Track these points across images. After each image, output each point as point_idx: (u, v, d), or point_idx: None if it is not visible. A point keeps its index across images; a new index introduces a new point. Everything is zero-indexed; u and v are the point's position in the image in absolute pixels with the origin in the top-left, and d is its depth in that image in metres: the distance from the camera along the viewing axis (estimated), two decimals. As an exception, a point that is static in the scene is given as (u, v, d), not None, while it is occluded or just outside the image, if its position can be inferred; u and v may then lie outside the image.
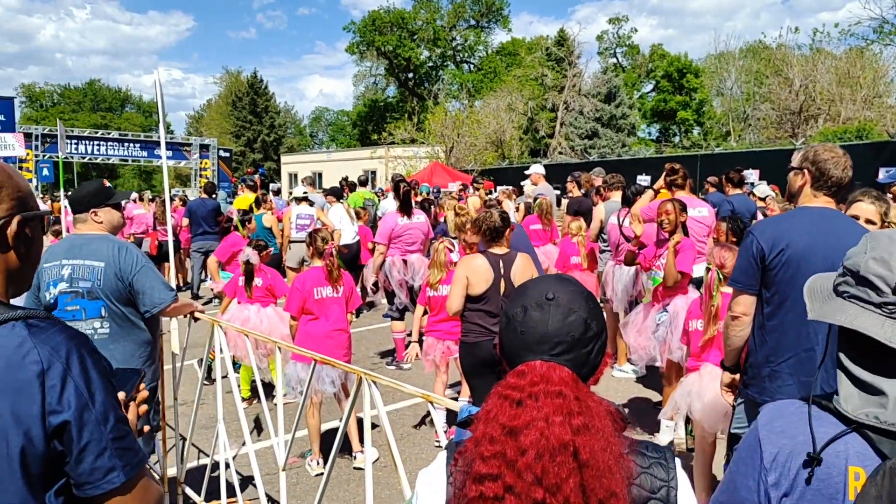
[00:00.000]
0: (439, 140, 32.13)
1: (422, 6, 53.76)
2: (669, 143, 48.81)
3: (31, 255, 1.44)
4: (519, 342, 1.36)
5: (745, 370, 3.25)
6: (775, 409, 1.50)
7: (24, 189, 1.40)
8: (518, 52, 52.53)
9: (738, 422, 3.33)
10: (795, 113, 33.90)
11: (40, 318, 1.31)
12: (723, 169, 9.53)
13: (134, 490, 1.33)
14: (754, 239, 3.10)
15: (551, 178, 16.61)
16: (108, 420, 1.30)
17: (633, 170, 18.36)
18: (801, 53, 36.89)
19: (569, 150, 39.50)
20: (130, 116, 69.01)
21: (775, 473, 1.40)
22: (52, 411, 1.23)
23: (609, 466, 1.22)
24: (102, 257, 3.56)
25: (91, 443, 1.27)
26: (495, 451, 1.25)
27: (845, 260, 1.43)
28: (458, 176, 21.48)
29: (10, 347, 1.24)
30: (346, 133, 68.34)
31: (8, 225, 1.35)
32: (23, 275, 1.44)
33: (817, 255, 2.90)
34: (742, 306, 3.16)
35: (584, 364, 1.34)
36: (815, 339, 2.97)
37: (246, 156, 54.36)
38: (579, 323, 1.34)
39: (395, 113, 54.39)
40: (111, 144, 31.92)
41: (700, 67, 49.05)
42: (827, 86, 32.93)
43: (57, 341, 1.28)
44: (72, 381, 1.25)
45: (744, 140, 41.83)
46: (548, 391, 1.27)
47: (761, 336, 3.13)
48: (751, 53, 45.19)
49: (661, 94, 49.52)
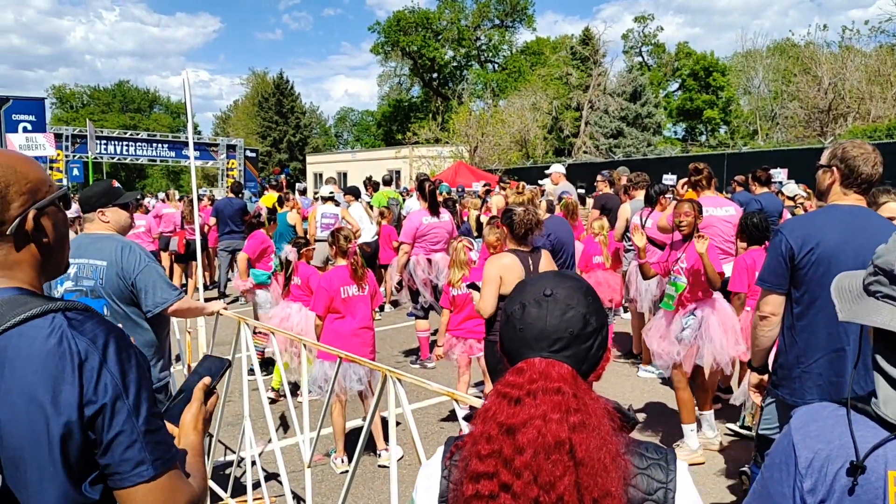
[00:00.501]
0: (463, 140, 32.13)
1: (446, 6, 53.78)
2: (696, 142, 48.36)
3: (55, 239, 1.44)
4: (518, 339, 1.35)
5: (775, 370, 3.21)
6: (809, 412, 1.45)
7: (34, 177, 1.38)
8: (543, 52, 52.35)
9: (767, 423, 3.29)
10: (824, 111, 33.37)
11: (79, 311, 1.34)
12: (750, 168, 9.40)
13: (163, 486, 1.32)
14: (783, 238, 3.06)
15: (576, 177, 16.56)
16: (141, 412, 1.30)
17: (658, 169, 18.22)
18: (829, 51, 36.35)
19: (593, 149, 39.29)
20: (158, 117, 69.79)
21: (811, 479, 1.35)
22: (88, 401, 1.25)
23: (605, 465, 1.20)
24: (105, 256, 3.55)
25: (122, 433, 1.28)
26: (492, 449, 1.24)
27: (875, 258, 1.38)
28: (482, 175, 21.46)
29: (51, 338, 1.26)
30: (370, 133, 68.59)
31: (25, 221, 1.35)
32: (53, 261, 1.46)
33: (848, 254, 2.86)
34: (771, 306, 3.12)
35: (583, 360, 1.32)
36: (845, 340, 2.93)
37: (272, 156, 54.80)
38: (578, 318, 1.32)
39: (419, 113, 54.50)
40: (140, 145, 32.43)
41: (727, 66, 48.53)
42: (856, 84, 32.39)
43: (94, 333, 1.30)
44: (107, 372, 1.28)
45: (771, 139, 41.31)
46: (546, 388, 1.26)
47: (791, 336, 3.09)
48: (778, 51, 44.64)
49: (687, 92, 49.06)
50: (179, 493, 1.34)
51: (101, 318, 1.36)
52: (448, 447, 1.38)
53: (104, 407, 1.27)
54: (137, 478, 1.28)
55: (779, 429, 3.18)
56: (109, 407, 1.27)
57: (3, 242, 1.34)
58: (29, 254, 1.38)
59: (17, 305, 1.30)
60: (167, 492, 1.32)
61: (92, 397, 1.26)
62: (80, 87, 72.29)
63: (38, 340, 1.27)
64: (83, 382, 1.25)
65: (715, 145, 44.41)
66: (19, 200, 1.34)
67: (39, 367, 1.25)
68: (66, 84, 72.30)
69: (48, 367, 1.25)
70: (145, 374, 1.36)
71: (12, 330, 1.27)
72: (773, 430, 3.24)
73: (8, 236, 1.33)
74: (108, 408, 1.27)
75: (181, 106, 72.08)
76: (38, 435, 1.24)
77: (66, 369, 1.25)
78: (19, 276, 1.37)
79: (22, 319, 1.27)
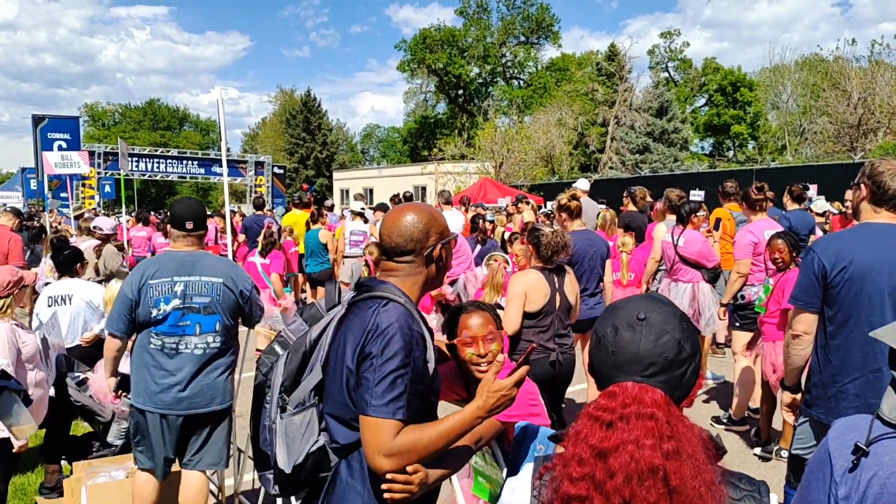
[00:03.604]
0: (489, 156, 32.19)
1: (472, 24, 54.10)
2: (723, 157, 47.98)
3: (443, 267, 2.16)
4: (610, 362, 1.34)
5: (808, 389, 3.18)
6: (848, 423, 1.48)
7: (444, 224, 2.12)
8: (568, 68, 52.41)
9: (800, 442, 3.26)
10: (854, 126, 32.97)
11: (396, 302, 1.96)
12: (779, 183, 9.30)
13: (370, 426, 1.82)
14: (815, 256, 3.04)
15: (602, 193, 16.52)
16: (384, 371, 1.83)
17: (685, 185, 18.05)
18: (859, 66, 35.93)
19: (619, 164, 39.16)
20: (188, 135, 70.83)
21: (846, 487, 1.38)
22: (362, 349, 1.89)
23: (700, 494, 1.20)
24: (219, 273, 3.71)
25: (365, 379, 1.87)
26: (584, 472, 1.25)
27: None
28: (507, 191, 21.46)
29: (371, 312, 1.93)
30: (396, 149, 69.00)
31: (434, 249, 2.07)
32: (436, 280, 2.18)
33: (882, 273, 2.83)
34: (803, 324, 3.10)
35: (677, 387, 1.32)
36: (882, 360, 2.89)
37: (299, 172, 55.34)
38: (672, 344, 1.32)
39: (444, 129, 54.73)
40: (170, 162, 32.94)
41: (754, 81, 48.18)
42: (887, 98, 31.97)
43: (388, 317, 1.90)
44: (380, 340, 1.86)
45: (800, 154, 40.85)
46: (639, 413, 1.26)
47: (825, 355, 3.07)
48: (807, 66, 44.23)
49: (714, 108, 48.75)
50: (386, 436, 1.80)
51: (402, 311, 1.93)
52: (538, 467, 1.39)
53: (367, 358, 1.87)
54: (360, 410, 1.86)
55: (813, 447, 3.15)
56: (370, 360, 1.86)
57: (418, 259, 2.05)
58: (426, 270, 2.08)
59: (381, 291, 2.00)
60: (374, 430, 1.82)
61: (364, 348, 1.89)
62: (111, 105, 73.69)
63: (364, 310, 1.96)
64: (366, 340, 1.89)
65: (743, 161, 44.02)
66: (435, 237, 2.06)
67: (357, 324, 1.96)
68: (98, 102, 73.67)
69: (357, 328, 1.95)
70: (409, 352, 1.87)
71: (364, 301, 2.00)
72: (806, 450, 3.21)
73: (422, 257, 2.05)
74: (369, 360, 1.87)
75: (210, 123, 73.19)
76: (342, 358, 1.97)
77: (363, 330, 1.92)
78: (407, 282, 2.05)
79: (370, 297, 2.00)
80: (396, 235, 2.03)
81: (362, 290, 2.04)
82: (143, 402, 3.65)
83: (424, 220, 2.06)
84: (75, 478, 4.24)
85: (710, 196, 14.90)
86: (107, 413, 4.85)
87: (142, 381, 3.66)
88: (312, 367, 2.06)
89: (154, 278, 3.62)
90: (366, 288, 2.04)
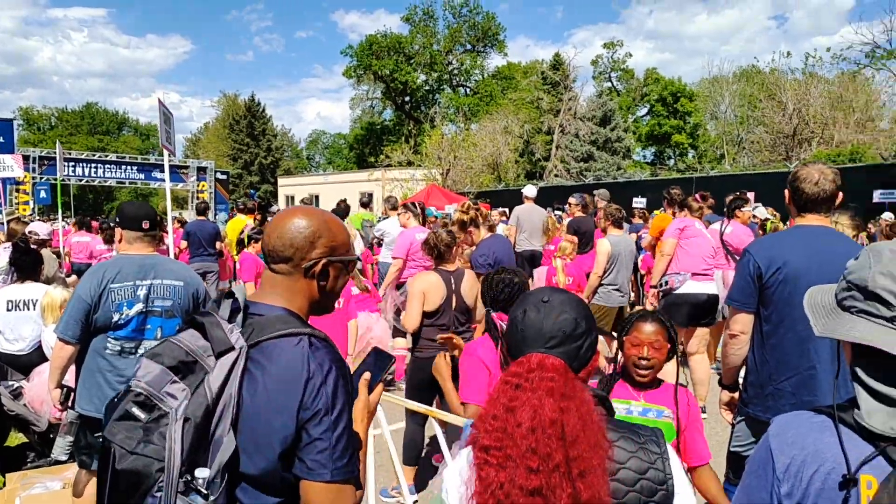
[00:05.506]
0: (436, 163, 32.26)
1: (418, 31, 54.25)
2: (664, 166, 49.09)
3: (332, 289, 1.86)
4: (520, 339, 1.60)
5: (746, 388, 3.26)
6: (787, 419, 1.50)
7: (339, 239, 1.82)
8: (514, 76, 52.98)
9: (738, 440, 3.34)
10: (789, 136, 34.17)
11: (318, 338, 1.69)
12: (718, 191, 9.57)
13: (334, 491, 1.61)
14: (751, 258, 3.13)
15: (549, 199, 16.72)
16: (337, 429, 1.62)
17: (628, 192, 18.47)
18: (794, 78, 37.27)
19: (564, 172, 39.69)
20: (128, 139, 69.13)
21: (788, 484, 1.40)
22: (305, 408, 1.60)
23: (591, 443, 1.43)
24: (180, 276, 3.67)
25: (319, 440, 1.60)
26: (496, 425, 1.48)
27: (848, 274, 1.42)
28: (454, 198, 21.53)
29: (297, 355, 1.63)
30: (342, 156, 68.61)
31: (316, 264, 1.77)
32: (322, 304, 1.87)
33: (813, 273, 2.92)
34: (740, 324, 3.18)
35: (574, 358, 1.56)
36: (815, 358, 2.99)
37: (243, 178, 54.49)
38: (570, 321, 1.57)
39: (391, 136, 54.70)
40: (108, 167, 31.97)
41: (694, 91, 49.46)
42: (820, 109, 33.24)
43: (324, 359, 1.64)
44: (324, 392, 1.61)
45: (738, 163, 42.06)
46: (542, 377, 1.49)
47: (762, 355, 3.15)
48: (745, 77, 45.63)
49: (655, 117, 49.87)
50: (350, 499, 1.64)
51: (332, 349, 1.70)
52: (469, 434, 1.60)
53: (313, 416, 1.60)
54: (316, 477, 1.60)
55: (751, 445, 3.23)
56: (317, 418, 1.60)
57: (297, 272, 1.77)
58: (309, 288, 1.79)
59: (282, 322, 1.68)
60: (335, 496, 1.61)
61: (308, 405, 1.60)
62: (47, 108, 71.42)
63: (286, 352, 1.64)
64: (305, 393, 1.61)
65: (683, 169, 45.11)
66: (321, 249, 1.77)
67: (283, 371, 1.62)
68: (34, 105, 71.45)
69: (288, 376, 1.62)
70: (351, 398, 1.69)
71: (276, 339, 1.65)
72: (744, 447, 3.29)
73: (300, 269, 1.77)
74: (316, 418, 1.60)
75: (151, 128, 71.53)
76: (267, 418, 1.60)
77: (297, 380, 1.61)
78: (296, 301, 1.78)
79: (283, 334, 1.65)
80: (276, 237, 1.78)
81: (266, 326, 1.67)
82: (97, 410, 3.48)
83: (313, 227, 1.78)
84: (9, 489, 4.10)
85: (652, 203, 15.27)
86: (42, 423, 4.68)
87: (95, 387, 3.52)
88: (221, 434, 1.57)
89: (115, 282, 3.51)
90: (269, 323, 1.68)
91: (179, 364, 1.61)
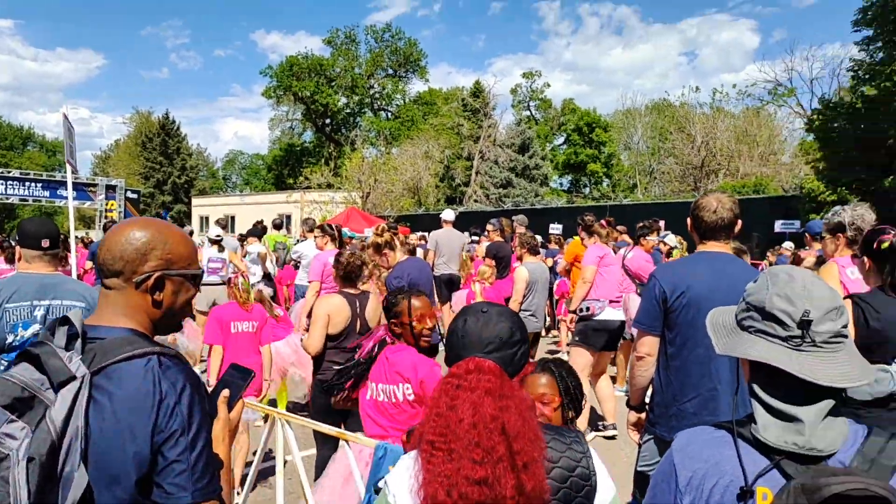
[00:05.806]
0: (356, 186, 32.15)
1: (340, 54, 54.20)
2: (580, 193, 50.37)
3: (170, 305, 1.74)
4: (460, 345, 1.73)
5: (652, 409, 3.34)
6: (689, 434, 1.57)
7: (177, 252, 1.71)
8: (435, 102, 53.48)
9: (644, 459, 3.41)
10: (697, 167, 35.73)
11: (168, 356, 1.60)
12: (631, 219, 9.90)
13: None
14: (657, 282, 3.22)
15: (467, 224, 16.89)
16: (196, 449, 1.56)
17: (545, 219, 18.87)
18: (702, 112, 39.06)
19: (484, 198, 40.22)
20: (32, 155, 66.06)
21: (690, 496, 1.45)
22: (159, 430, 1.53)
23: (530, 438, 1.55)
24: (81, 298, 3.43)
25: (176, 462, 1.53)
26: (439, 422, 1.59)
27: (747, 296, 1.50)
28: (374, 221, 21.47)
29: (146, 376, 1.54)
30: (260, 177, 67.47)
31: (148, 279, 1.66)
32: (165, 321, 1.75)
33: (715, 297, 3.02)
34: (647, 347, 3.27)
35: (510, 363, 1.70)
36: (717, 379, 3.09)
37: (155, 197, 52.83)
38: (507, 329, 1.72)
39: (311, 158, 54.19)
40: (11, 183, 30.35)
41: (609, 122, 51.11)
42: (726, 142, 34.94)
43: (176, 378, 1.57)
44: (179, 412, 1.55)
45: (650, 192, 43.64)
46: (479, 378, 1.61)
47: (666, 376, 3.23)
48: (656, 110, 47.55)
49: (572, 146, 51.17)
50: None
51: (185, 367, 1.62)
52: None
53: (168, 438, 1.53)
54: (177, 500, 1.53)
55: (657, 464, 3.31)
56: (173, 440, 1.53)
57: (128, 286, 1.66)
58: (145, 304, 1.68)
59: (127, 343, 1.58)
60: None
61: (162, 428, 1.53)
62: (-55, 120, 67.57)
63: (135, 375, 1.54)
64: (158, 415, 1.53)
65: (598, 197, 46.44)
66: (155, 262, 1.66)
67: (132, 394, 1.53)
68: (-71, 117, 67.38)
69: (138, 399, 1.53)
70: (208, 417, 1.64)
71: (122, 362, 1.55)
72: (651, 467, 3.35)
73: (131, 283, 1.65)
74: (172, 440, 1.53)
75: (58, 144, 68.51)
76: (120, 446, 1.50)
77: (149, 402, 1.53)
78: (137, 318, 1.67)
79: (128, 356, 1.55)
80: (106, 250, 1.66)
81: (109, 350, 1.57)
82: None
83: (146, 238, 1.66)
84: None
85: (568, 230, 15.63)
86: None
87: None
88: (71, 470, 1.46)
89: (11, 302, 3.32)
90: (112, 346, 1.58)
91: (14, 402, 1.47)
